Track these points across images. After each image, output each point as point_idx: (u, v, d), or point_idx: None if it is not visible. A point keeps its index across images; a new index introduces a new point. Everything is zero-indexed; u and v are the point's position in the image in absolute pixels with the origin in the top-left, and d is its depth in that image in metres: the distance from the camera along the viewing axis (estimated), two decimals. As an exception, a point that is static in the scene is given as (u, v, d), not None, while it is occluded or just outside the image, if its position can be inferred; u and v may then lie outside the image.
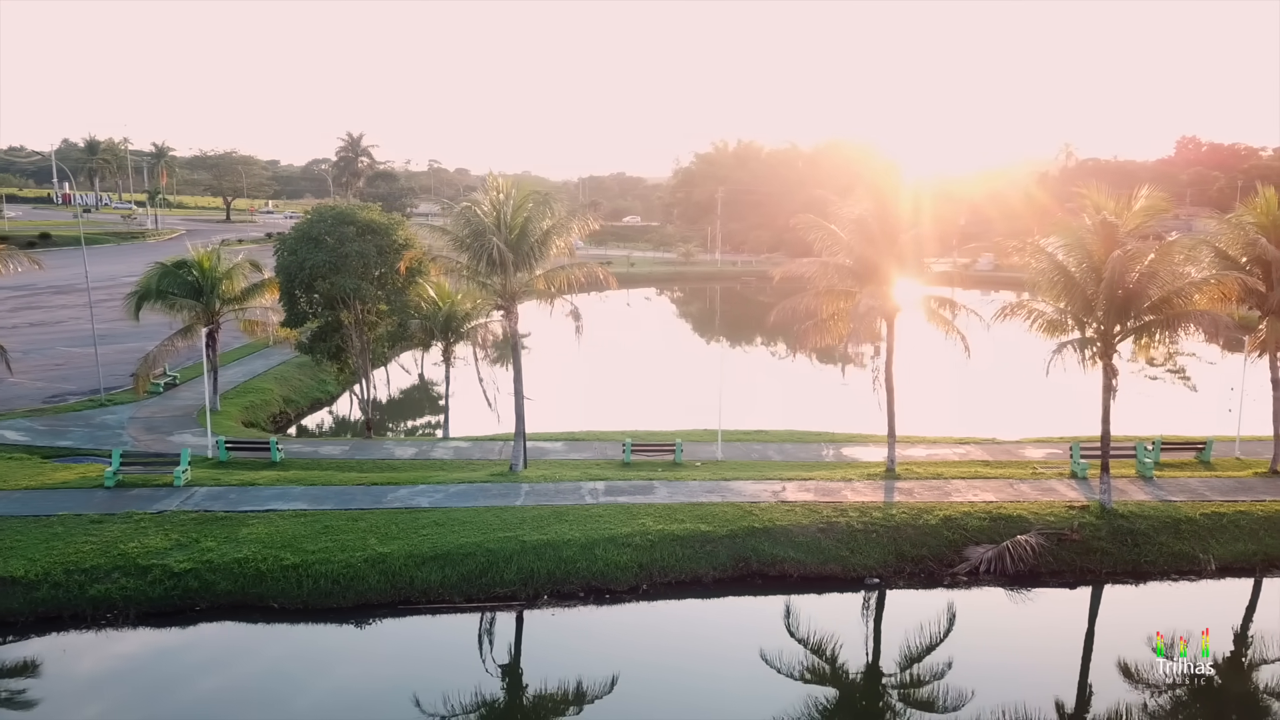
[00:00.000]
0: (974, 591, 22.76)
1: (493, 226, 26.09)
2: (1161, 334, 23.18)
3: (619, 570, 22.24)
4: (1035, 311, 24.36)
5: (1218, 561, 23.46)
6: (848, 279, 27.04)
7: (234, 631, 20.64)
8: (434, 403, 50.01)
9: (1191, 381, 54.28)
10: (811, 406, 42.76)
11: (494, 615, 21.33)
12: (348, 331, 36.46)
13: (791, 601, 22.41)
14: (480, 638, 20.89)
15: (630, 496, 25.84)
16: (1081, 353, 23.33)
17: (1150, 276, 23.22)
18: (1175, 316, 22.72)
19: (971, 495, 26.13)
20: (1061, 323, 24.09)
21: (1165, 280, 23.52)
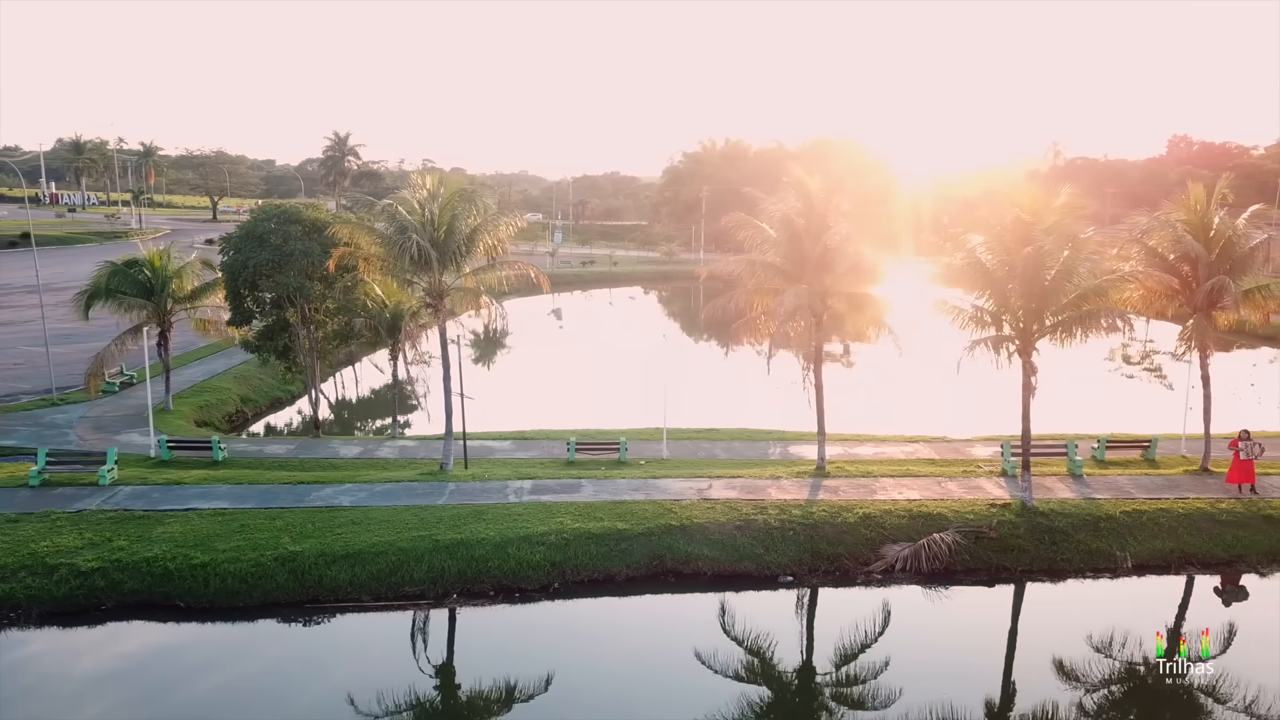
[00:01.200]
0: (894, 589, 22.70)
1: (418, 224, 26.08)
2: (1076, 331, 23.12)
3: (531, 569, 22.23)
4: (956, 308, 24.32)
5: (1134, 559, 23.45)
6: (776, 277, 27.01)
7: (139, 631, 20.63)
8: (401, 401, 50.14)
9: (1169, 380, 54.48)
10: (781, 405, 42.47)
11: (408, 614, 21.28)
12: (295, 330, 36.54)
13: (706, 600, 22.39)
14: (389, 636, 20.89)
15: (555, 495, 25.83)
16: (996, 350, 23.31)
17: (1065, 274, 23.21)
18: (1085, 314, 22.69)
19: (896, 493, 26.14)
20: (981, 319, 24.05)
21: (1082, 278, 23.51)
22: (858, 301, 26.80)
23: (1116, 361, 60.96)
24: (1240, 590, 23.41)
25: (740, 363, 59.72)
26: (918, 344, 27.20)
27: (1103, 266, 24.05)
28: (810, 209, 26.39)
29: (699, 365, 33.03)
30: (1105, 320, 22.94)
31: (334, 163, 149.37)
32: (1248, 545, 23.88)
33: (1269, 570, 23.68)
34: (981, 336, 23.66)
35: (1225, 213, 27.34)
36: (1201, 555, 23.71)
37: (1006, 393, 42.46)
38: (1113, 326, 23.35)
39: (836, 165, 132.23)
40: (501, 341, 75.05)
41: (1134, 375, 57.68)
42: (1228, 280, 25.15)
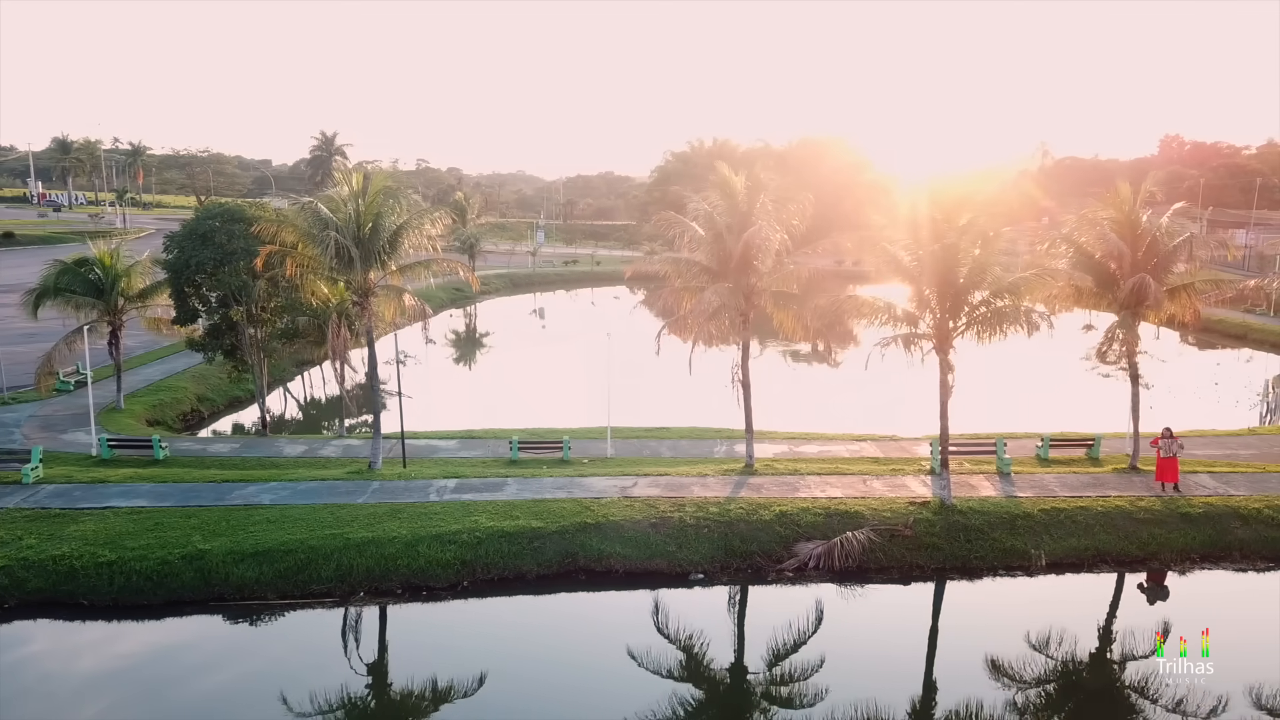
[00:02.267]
0: (810, 587, 22.66)
1: (343, 221, 26.07)
2: (994, 328, 23.11)
3: (441, 567, 22.23)
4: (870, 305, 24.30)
5: (1048, 557, 23.42)
6: (701, 275, 27.00)
7: (41, 629, 20.63)
8: (367, 400, 50.16)
9: (1145, 380, 54.40)
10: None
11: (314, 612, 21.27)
12: (241, 329, 36.56)
13: (618, 597, 22.41)
14: (295, 634, 20.91)
15: (477, 494, 25.83)
16: (907, 348, 23.29)
17: (979, 271, 23.20)
18: (997, 312, 22.68)
19: (819, 491, 26.13)
20: (894, 316, 24.01)
21: (997, 276, 23.51)
22: (782, 300, 26.77)
23: (1093, 360, 61.05)
24: (1163, 589, 23.40)
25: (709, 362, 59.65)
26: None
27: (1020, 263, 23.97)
28: (734, 207, 26.37)
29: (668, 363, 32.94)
30: (1022, 318, 22.87)
31: (321, 162, 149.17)
32: (1163, 543, 23.86)
33: (1184, 567, 23.67)
34: (895, 334, 23.61)
35: (1153, 212, 27.34)
36: (1116, 553, 23.69)
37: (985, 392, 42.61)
38: (1032, 324, 23.33)
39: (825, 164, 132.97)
40: (481, 341, 75.20)
41: (1109, 374, 57.71)
42: (1148, 278, 25.11)
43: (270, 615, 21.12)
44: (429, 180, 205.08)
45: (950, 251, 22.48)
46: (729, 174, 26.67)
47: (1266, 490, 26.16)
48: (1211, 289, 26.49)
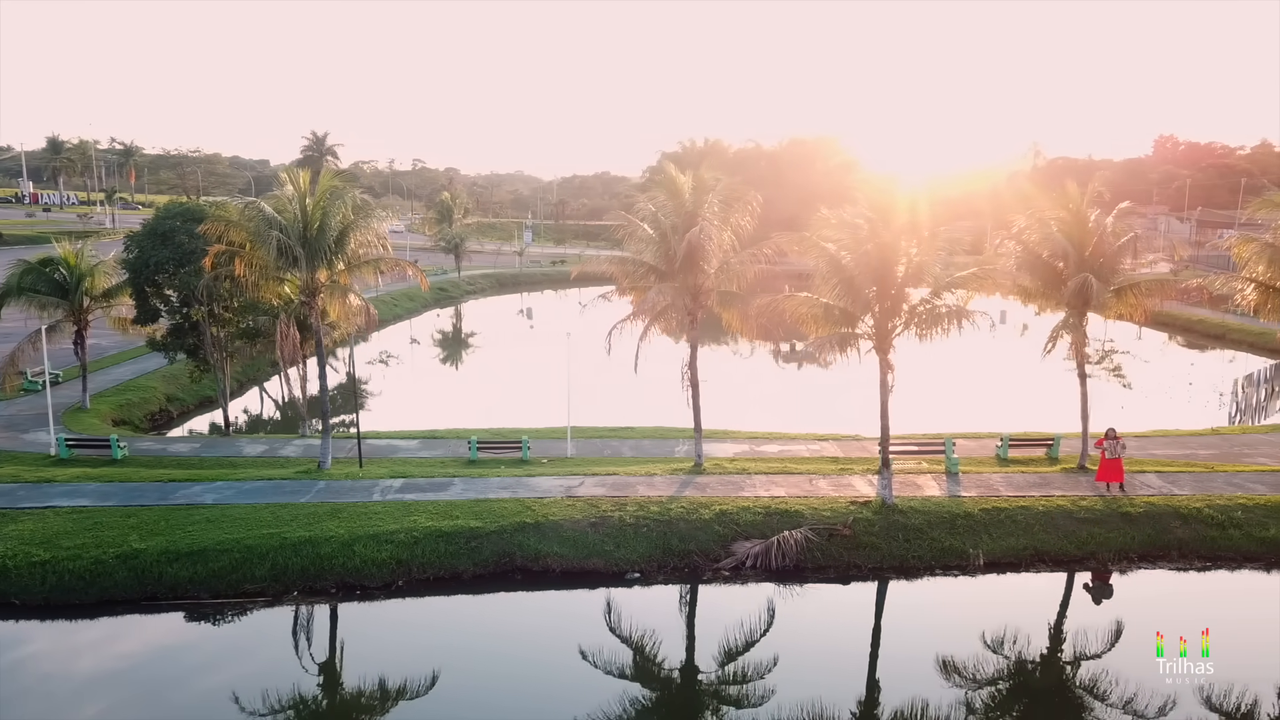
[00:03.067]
0: (749, 587, 22.64)
1: (289, 221, 26.08)
2: (930, 328, 23.11)
3: (376, 567, 22.24)
4: (810, 305, 24.29)
5: (987, 556, 23.42)
6: (649, 275, 27.00)
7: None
8: (348, 401, 50.33)
9: (1127, 379, 54.69)
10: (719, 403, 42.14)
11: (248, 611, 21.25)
12: (202, 328, 36.60)
13: (552, 596, 22.42)
14: (226, 633, 20.88)
15: (420, 494, 25.85)
16: (842, 348, 23.29)
17: (916, 272, 23.21)
18: (931, 313, 22.69)
19: (763, 491, 26.14)
20: (831, 316, 24.00)
21: (936, 276, 23.52)
22: (728, 300, 26.78)
23: (1072, 360, 61.02)
24: (1108, 588, 23.40)
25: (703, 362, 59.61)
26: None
27: (958, 262, 24.00)
28: (680, 207, 26.36)
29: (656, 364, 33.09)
30: (962, 317, 22.88)
31: (312, 162, 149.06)
32: (1101, 542, 23.86)
33: (1122, 566, 23.67)
34: (835, 333, 23.61)
35: (1101, 212, 27.36)
36: (1054, 552, 23.68)
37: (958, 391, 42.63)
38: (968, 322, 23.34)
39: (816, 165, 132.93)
40: (467, 341, 75.23)
41: (1090, 374, 57.68)
42: (1090, 278, 25.12)
43: (203, 614, 21.13)
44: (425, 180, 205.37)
45: (886, 250, 22.46)
46: (675, 174, 26.69)
47: (1210, 490, 26.16)
48: (1157, 288, 26.46)
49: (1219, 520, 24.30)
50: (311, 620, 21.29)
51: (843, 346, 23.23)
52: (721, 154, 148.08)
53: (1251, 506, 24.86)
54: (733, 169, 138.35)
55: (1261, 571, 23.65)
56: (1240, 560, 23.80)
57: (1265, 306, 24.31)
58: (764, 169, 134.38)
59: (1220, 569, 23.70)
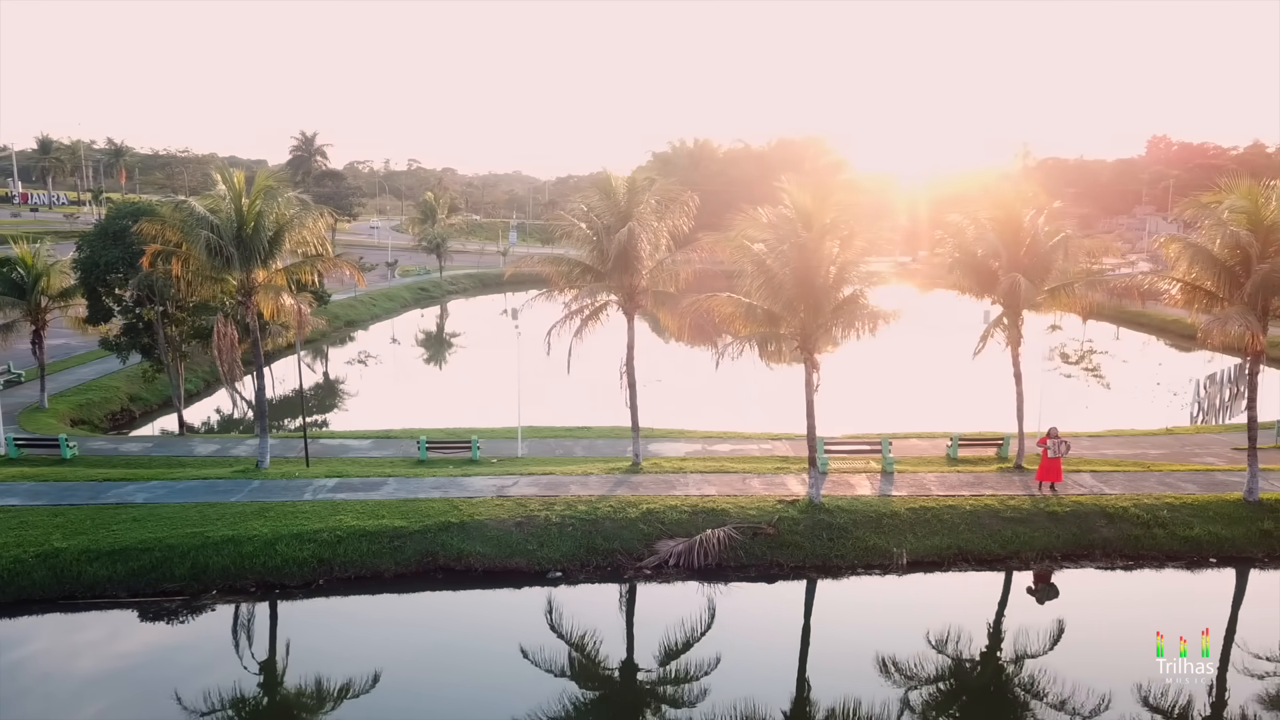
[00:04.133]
0: (675, 585, 22.67)
1: (223, 220, 26.13)
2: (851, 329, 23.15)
3: (297, 565, 22.30)
4: (733, 304, 24.33)
5: (910, 555, 23.44)
6: (586, 275, 27.05)
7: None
8: (325, 402, 50.58)
9: (1106, 380, 54.85)
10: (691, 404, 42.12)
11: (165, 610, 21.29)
12: (156, 328, 36.66)
13: (471, 595, 22.48)
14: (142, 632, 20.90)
15: (351, 494, 25.91)
16: (762, 349, 23.31)
17: (841, 272, 23.26)
18: (849, 313, 22.73)
19: (695, 490, 26.20)
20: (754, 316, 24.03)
21: (861, 277, 23.58)
22: (662, 299, 26.84)
23: (1055, 361, 61.28)
24: (1051, 589, 23.41)
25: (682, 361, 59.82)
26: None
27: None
28: (614, 207, 26.42)
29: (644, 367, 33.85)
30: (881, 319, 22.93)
31: (301, 162, 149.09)
32: (1025, 541, 23.89)
33: (1046, 566, 23.71)
34: (757, 333, 23.64)
35: (1036, 212, 27.41)
36: (978, 551, 23.72)
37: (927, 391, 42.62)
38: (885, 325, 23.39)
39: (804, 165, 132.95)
40: (449, 341, 75.29)
41: (1070, 374, 57.89)
42: (1019, 278, 25.16)
43: (121, 613, 21.18)
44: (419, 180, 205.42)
45: (805, 251, 22.50)
46: (610, 174, 26.73)
47: (1141, 489, 26.20)
48: (1088, 288, 26.49)
49: (1144, 520, 24.34)
50: (235, 618, 21.27)
51: (763, 347, 23.24)
52: (711, 154, 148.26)
53: (1178, 506, 24.90)
54: (722, 169, 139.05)
55: (1185, 570, 23.69)
56: (1163, 559, 23.86)
57: (1191, 305, 24.30)
58: (752, 169, 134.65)
59: (1145, 568, 23.76)
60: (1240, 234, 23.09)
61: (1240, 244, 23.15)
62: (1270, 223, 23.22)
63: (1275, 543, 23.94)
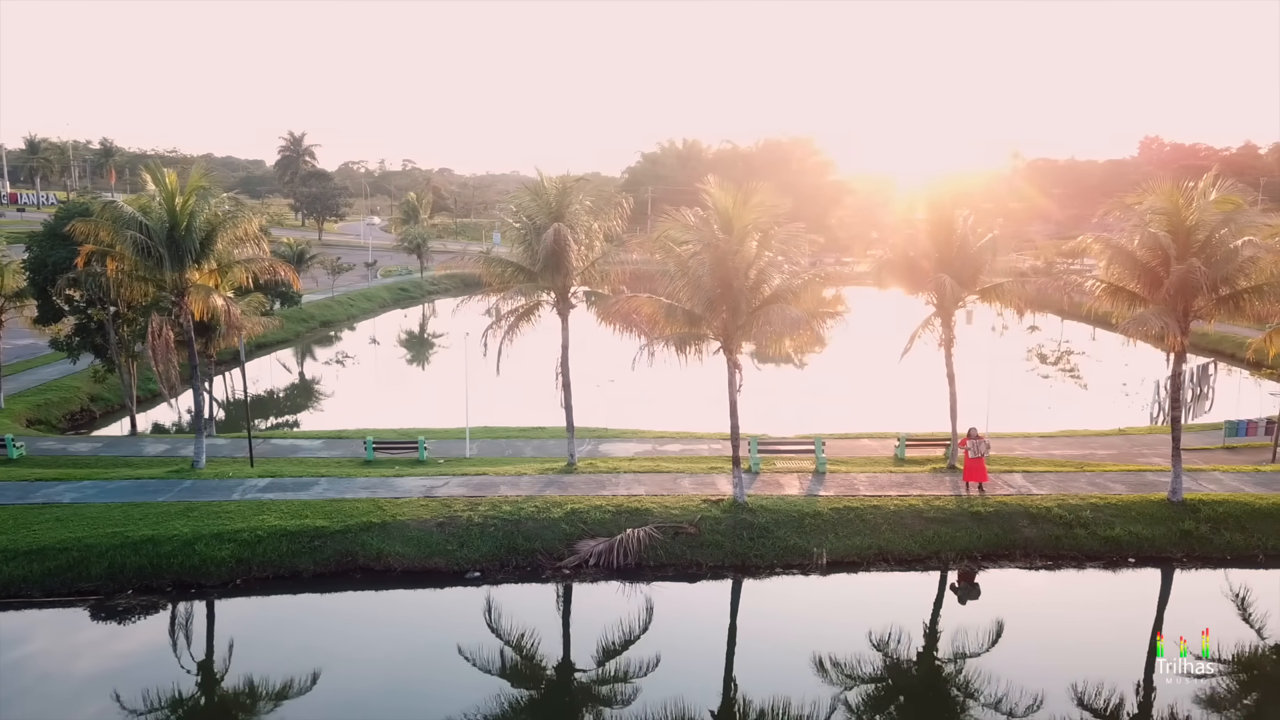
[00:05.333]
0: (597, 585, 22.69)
1: (154, 220, 26.18)
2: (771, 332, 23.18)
3: (215, 565, 22.35)
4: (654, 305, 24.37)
5: (830, 555, 23.48)
6: (517, 275, 27.10)
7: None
8: (293, 402, 50.66)
9: (1083, 380, 54.98)
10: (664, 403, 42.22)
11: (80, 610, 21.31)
12: (107, 328, 36.73)
13: (389, 595, 22.52)
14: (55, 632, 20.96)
15: (281, 494, 25.97)
16: (680, 349, 23.36)
17: (761, 273, 23.31)
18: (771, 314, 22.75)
19: (623, 490, 26.26)
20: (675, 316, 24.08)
21: (785, 277, 23.64)
22: (595, 300, 26.87)
23: (1033, 361, 61.42)
24: (974, 588, 23.47)
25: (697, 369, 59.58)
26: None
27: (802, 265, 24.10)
28: (544, 208, 26.47)
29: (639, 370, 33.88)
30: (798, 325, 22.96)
31: (289, 162, 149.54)
32: (946, 541, 23.93)
33: (965, 565, 23.76)
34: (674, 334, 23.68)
35: (970, 214, 27.49)
36: (898, 551, 23.75)
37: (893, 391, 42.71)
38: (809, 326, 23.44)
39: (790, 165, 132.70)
40: (430, 341, 75.33)
41: (1048, 375, 58.00)
42: (945, 278, 25.23)
43: (33, 614, 21.21)
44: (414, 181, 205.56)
45: (721, 253, 22.55)
46: (540, 174, 26.79)
47: (1069, 490, 26.24)
48: (1018, 288, 26.56)
49: (1067, 520, 24.38)
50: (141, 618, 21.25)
51: (681, 347, 23.31)
52: (699, 155, 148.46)
53: (1102, 506, 24.95)
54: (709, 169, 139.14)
55: (1106, 570, 23.73)
56: (1083, 559, 23.90)
57: (1114, 305, 24.36)
58: (739, 170, 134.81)
59: (1066, 568, 23.79)
60: (1159, 235, 23.15)
61: (1159, 245, 23.21)
62: (1191, 225, 23.28)
63: (1195, 543, 23.98)
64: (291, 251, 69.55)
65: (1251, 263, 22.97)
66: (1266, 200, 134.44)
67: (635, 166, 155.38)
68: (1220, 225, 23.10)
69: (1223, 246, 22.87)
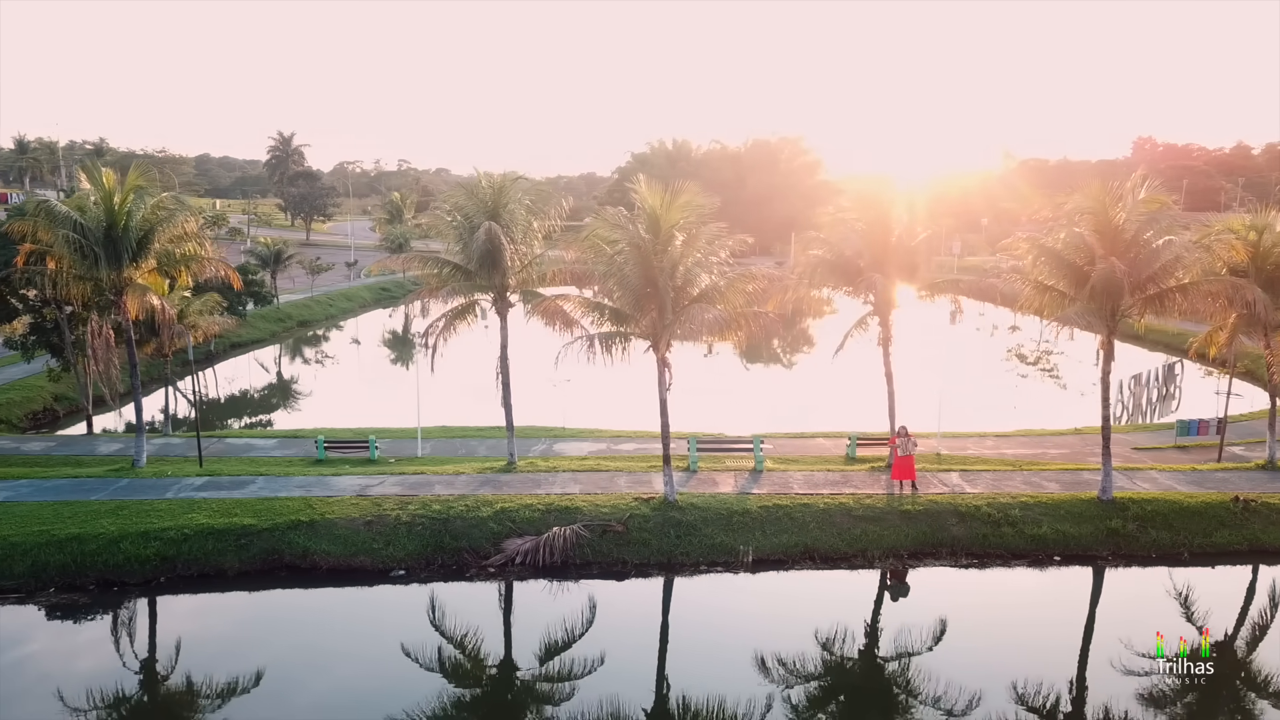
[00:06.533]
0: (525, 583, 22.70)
1: (91, 219, 26.24)
2: (698, 330, 23.24)
3: (139, 563, 22.41)
4: (582, 304, 24.44)
5: (757, 553, 23.51)
6: (454, 275, 27.14)
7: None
8: (266, 402, 50.72)
9: (1061, 380, 55.04)
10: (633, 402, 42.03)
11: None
12: (62, 327, 36.82)
13: (315, 594, 22.58)
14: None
15: (216, 492, 26.03)
16: (605, 348, 23.40)
17: (687, 273, 23.36)
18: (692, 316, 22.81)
19: (558, 489, 26.31)
20: (601, 314, 24.15)
21: (715, 277, 23.70)
22: (531, 299, 26.94)
23: (1013, 361, 61.50)
24: (904, 586, 23.51)
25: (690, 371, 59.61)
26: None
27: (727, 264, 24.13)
28: (480, 206, 26.49)
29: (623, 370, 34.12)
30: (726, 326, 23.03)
31: (279, 162, 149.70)
32: (873, 539, 23.95)
33: (891, 563, 23.79)
34: (614, 331, 23.72)
35: (906, 212, 27.51)
36: (824, 549, 23.77)
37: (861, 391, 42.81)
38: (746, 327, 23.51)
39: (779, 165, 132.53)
40: (412, 341, 75.30)
41: (1026, 374, 58.06)
42: (876, 276, 25.28)
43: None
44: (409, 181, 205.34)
45: (643, 253, 22.60)
46: (476, 173, 26.84)
47: (1004, 488, 26.27)
48: (953, 287, 26.62)
49: (995, 518, 24.42)
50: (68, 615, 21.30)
51: (606, 347, 23.35)
52: (687, 155, 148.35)
53: (1031, 504, 24.99)
54: (696, 170, 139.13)
55: (1033, 569, 23.76)
56: (1010, 557, 23.94)
57: (1043, 303, 24.41)
58: (728, 170, 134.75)
59: (992, 566, 23.84)
60: (1084, 234, 23.20)
61: (1084, 243, 23.26)
62: (1118, 224, 23.32)
63: (1121, 541, 24.02)
64: (269, 251, 69.77)
65: (1177, 262, 23.01)
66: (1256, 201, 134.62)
67: (625, 166, 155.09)
68: (1145, 225, 23.16)
69: (1146, 246, 22.90)
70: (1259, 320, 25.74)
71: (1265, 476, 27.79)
